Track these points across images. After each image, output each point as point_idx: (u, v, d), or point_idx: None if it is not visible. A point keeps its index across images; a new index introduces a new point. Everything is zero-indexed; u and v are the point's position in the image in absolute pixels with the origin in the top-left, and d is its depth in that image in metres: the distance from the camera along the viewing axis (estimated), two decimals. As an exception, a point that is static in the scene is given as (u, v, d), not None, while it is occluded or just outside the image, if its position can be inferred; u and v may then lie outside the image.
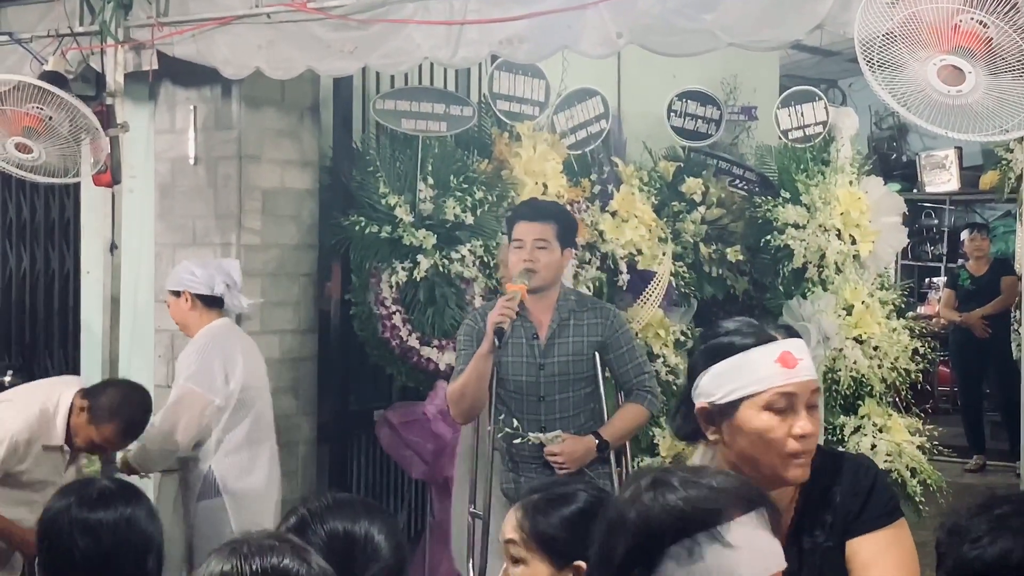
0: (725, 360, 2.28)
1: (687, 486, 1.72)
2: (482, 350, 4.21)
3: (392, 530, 2.16)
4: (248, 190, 5.22)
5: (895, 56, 3.37)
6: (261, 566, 1.64)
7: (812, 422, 2.27)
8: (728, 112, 7.23)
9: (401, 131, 5.47)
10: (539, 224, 4.36)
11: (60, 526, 2.38)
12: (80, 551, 2.34)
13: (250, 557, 1.64)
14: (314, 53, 4.57)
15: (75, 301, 5.80)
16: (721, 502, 1.70)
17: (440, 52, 4.31)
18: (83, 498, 2.42)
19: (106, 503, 2.41)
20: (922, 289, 12.09)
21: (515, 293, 4.19)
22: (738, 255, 6.99)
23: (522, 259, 4.31)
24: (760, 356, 2.26)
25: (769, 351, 2.26)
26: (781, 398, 2.25)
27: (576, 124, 6.26)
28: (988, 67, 3.28)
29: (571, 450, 4.32)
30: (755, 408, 2.26)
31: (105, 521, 2.38)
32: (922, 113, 3.41)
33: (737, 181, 7.16)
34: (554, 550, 2.32)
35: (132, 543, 2.38)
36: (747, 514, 1.72)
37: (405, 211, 5.37)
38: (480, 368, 4.23)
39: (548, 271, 4.34)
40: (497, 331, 4.12)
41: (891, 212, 7.48)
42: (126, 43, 4.93)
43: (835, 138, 7.22)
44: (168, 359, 5.34)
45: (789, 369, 2.25)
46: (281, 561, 1.65)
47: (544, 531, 2.34)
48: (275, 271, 5.31)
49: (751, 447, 2.27)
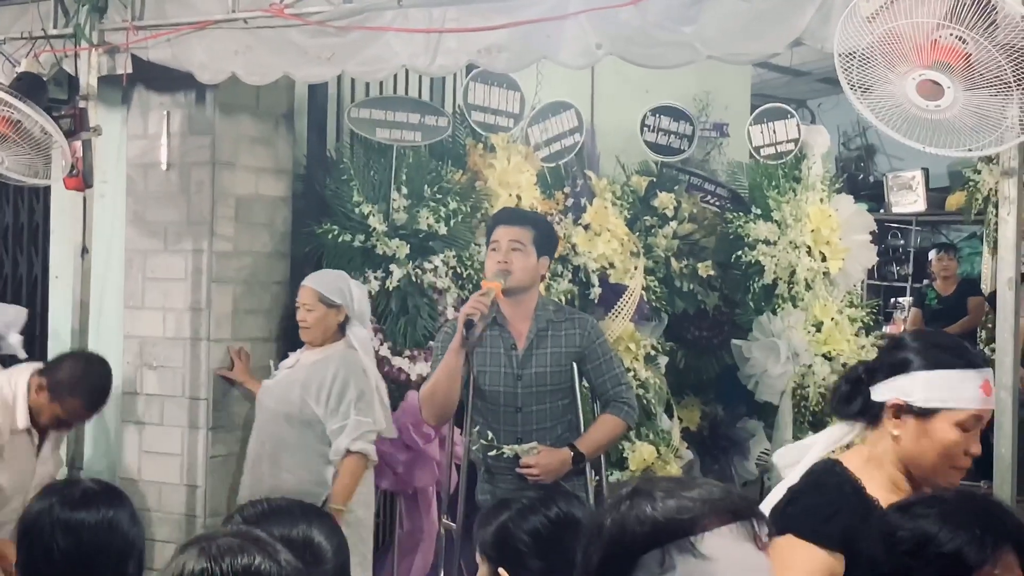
0: (941, 370, 2.52)
1: (666, 496, 1.70)
2: (453, 345, 4.19)
3: (331, 530, 2.16)
4: (221, 197, 5.19)
5: (874, 71, 3.38)
6: (233, 566, 1.62)
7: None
8: (700, 128, 7.27)
9: (376, 140, 5.46)
10: (516, 228, 4.36)
11: (41, 525, 2.35)
12: (60, 550, 2.32)
13: (220, 557, 1.62)
14: (291, 59, 4.55)
15: (43, 306, 5.74)
16: (697, 512, 1.66)
17: (418, 60, 4.30)
18: (65, 498, 2.39)
19: (88, 504, 2.38)
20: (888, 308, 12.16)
21: (489, 289, 4.18)
22: (709, 270, 7.02)
23: (496, 260, 4.31)
24: (971, 379, 2.52)
25: (977, 376, 2.53)
26: (973, 420, 2.52)
27: (550, 137, 6.27)
28: (966, 83, 3.30)
29: (546, 462, 4.31)
30: (950, 422, 2.51)
31: (87, 522, 2.35)
32: (899, 128, 3.42)
33: (709, 197, 7.20)
34: (488, 555, 2.50)
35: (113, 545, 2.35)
36: (727, 525, 1.67)
37: (378, 220, 5.36)
38: (451, 364, 4.20)
39: (523, 274, 4.33)
40: (467, 323, 4.10)
41: (861, 230, 7.53)
42: (100, 46, 4.89)
43: (807, 155, 7.27)
44: (137, 365, 5.30)
45: (987, 396, 2.53)
46: (253, 561, 1.63)
47: (484, 538, 2.52)
48: (248, 279, 5.27)
49: (931, 452, 2.52)
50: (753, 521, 1.70)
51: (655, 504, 1.69)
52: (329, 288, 4.90)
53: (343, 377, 4.79)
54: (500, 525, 2.50)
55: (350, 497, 4.77)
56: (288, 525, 2.08)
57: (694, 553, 1.63)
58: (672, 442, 6.55)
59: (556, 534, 2.48)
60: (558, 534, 2.48)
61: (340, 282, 4.95)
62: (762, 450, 7.16)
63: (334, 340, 4.92)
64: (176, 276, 5.24)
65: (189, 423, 5.21)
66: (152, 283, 5.29)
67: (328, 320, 4.89)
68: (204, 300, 5.19)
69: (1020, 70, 3.24)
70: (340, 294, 4.90)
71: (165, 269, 5.26)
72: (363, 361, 4.89)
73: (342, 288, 4.92)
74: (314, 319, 4.89)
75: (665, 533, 1.65)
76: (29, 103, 4.49)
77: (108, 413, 5.34)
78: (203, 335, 5.19)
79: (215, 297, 5.19)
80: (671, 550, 1.64)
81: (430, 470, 5.33)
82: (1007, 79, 3.25)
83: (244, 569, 1.62)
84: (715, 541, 1.65)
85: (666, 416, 6.71)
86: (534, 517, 2.49)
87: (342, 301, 4.89)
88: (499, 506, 2.56)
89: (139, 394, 5.31)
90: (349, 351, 4.89)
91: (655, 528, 1.66)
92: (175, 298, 5.24)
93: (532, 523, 2.48)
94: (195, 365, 5.20)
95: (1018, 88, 3.27)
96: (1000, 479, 3.57)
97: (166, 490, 5.22)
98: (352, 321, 4.93)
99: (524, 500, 2.54)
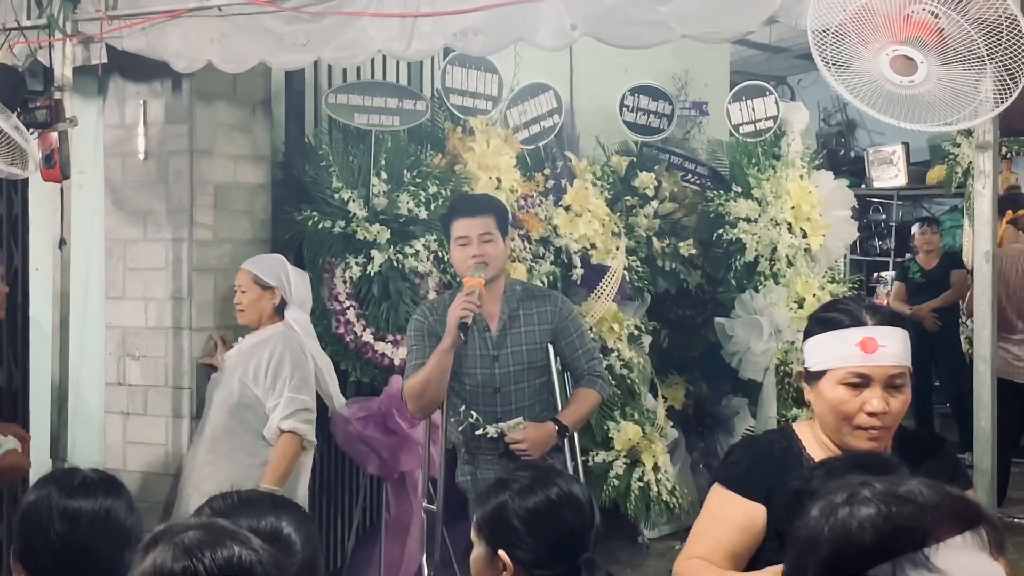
0: (823, 334, 2.60)
1: (888, 501, 1.52)
2: (443, 346, 4.19)
3: (301, 521, 2.15)
4: (200, 185, 5.18)
5: (848, 47, 3.39)
6: (216, 561, 1.58)
7: (891, 401, 2.54)
8: (680, 107, 7.27)
9: (354, 126, 5.45)
10: (480, 219, 4.33)
11: (40, 512, 2.35)
12: (58, 537, 2.32)
13: (199, 552, 1.58)
14: (267, 46, 4.53)
15: (24, 298, 5.72)
16: (928, 520, 1.48)
17: (394, 45, 4.29)
18: (64, 486, 2.39)
19: (87, 492, 2.38)
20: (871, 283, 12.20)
21: (474, 287, 4.18)
22: (691, 249, 7.03)
23: (471, 255, 4.29)
24: (849, 337, 2.55)
25: (856, 334, 2.54)
26: (854, 377, 2.54)
27: (529, 119, 6.27)
28: (940, 57, 3.31)
29: (534, 437, 4.32)
30: (833, 381, 2.57)
31: (85, 509, 2.35)
32: (874, 104, 3.43)
33: (689, 176, 7.21)
34: (484, 535, 2.51)
35: (110, 534, 2.35)
36: (960, 535, 1.49)
37: (358, 206, 5.35)
38: (443, 364, 4.22)
39: (498, 262, 4.35)
40: (461, 326, 4.11)
41: (841, 206, 7.55)
42: (74, 37, 4.86)
43: (786, 132, 7.28)
44: (119, 356, 5.29)
45: (867, 353, 2.53)
46: (233, 553, 1.60)
47: (480, 516, 2.53)
48: (228, 266, 5.26)
49: (828, 413, 2.59)
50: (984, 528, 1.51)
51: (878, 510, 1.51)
52: (263, 270, 4.94)
53: (279, 355, 4.80)
54: (498, 505, 2.50)
55: (284, 478, 4.72)
56: (256, 516, 2.08)
57: (929, 567, 1.46)
58: (657, 421, 6.57)
59: (555, 514, 2.48)
60: (557, 514, 2.48)
61: (276, 265, 4.98)
62: (747, 427, 7.19)
63: (271, 323, 4.93)
64: (157, 265, 5.23)
65: (173, 412, 5.21)
66: (133, 273, 5.29)
67: (263, 303, 4.91)
68: (185, 289, 5.18)
69: (993, 44, 3.25)
70: (275, 276, 4.93)
71: (145, 258, 5.25)
72: (302, 340, 4.91)
73: (277, 271, 4.95)
74: (248, 301, 4.93)
75: (895, 544, 1.48)
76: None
77: (92, 404, 5.35)
78: (185, 324, 5.19)
79: (196, 286, 5.18)
80: (903, 564, 1.47)
81: (415, 454, 5.34)
82: (980, 53, 3.26)
83: (227, 562, 1.58)
84: (950, 553, 1.48)
85: (650, 395, 6.73)
86: (533, 497, 2.48)
87: (276, 283, 4.92)
88: (497, 486, 2.55)
89: (122, 384, 5.31)
90: (288, 331, 4.91)
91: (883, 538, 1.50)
92: (156, 287, 5.23)
93: (532, 503, 2.48)
94: (178, 354, 5.20)
95: (991, 62, 3.28)
96: (980, 450, 3.59)
97: (151, 479, 5.23)
98: (290, 305, 4.95)
99: (523, 479, 2.53)
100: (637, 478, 6.26)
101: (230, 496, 2.20)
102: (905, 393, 2.58)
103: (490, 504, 2.51)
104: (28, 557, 2.35)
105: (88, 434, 5.34)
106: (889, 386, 2.56)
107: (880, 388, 2.55)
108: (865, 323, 2.56)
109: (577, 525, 2.49)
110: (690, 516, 6.51)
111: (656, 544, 6.83)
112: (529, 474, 2.57)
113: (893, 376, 2.55)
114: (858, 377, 2.55)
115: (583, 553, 2.48)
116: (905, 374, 2.57)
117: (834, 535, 1.52)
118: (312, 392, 4.86)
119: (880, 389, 2.54)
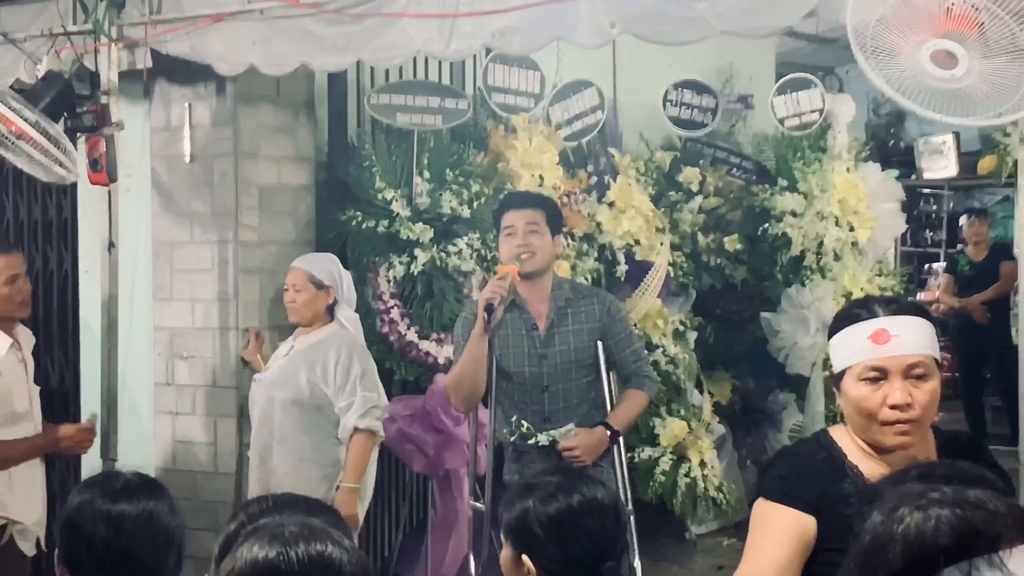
0: (838, 333, 2.53)
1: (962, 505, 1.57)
2: (475, 332, 4.20)
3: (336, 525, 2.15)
4: (244, 187, 5.22)
5: (888, 42, 3.36)
6: (307, 553, 1.61)
7: (914, 393, 2.45)
8: (724, 101, 7.23)
9: (396, 125, 5.46)
10: (528, 210, 4.38)
11: (83, 516, 2.37)
12: (101, 541, 2.34)
13: (293, 543, 1.61)
14: (308, 48, 4.57)
15: (74, 300, 5.80)
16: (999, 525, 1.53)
17: (433, 45, 4.31)
18: (106, 490, 2.41)
19: (129, 496, 2.40)
20: (922, 275, 12.09)
21: (506, 273, 4.19)
22: (736, 244, 7.00)
23: (515, 245, 4.32)
24: (860, 331, 2.47)
25: (867, 327, 2.47)
26: (870, 371, 2.45)
27: (572, 115, 6.26)
28: (981, 51, 3.28)
29: (586, 443, 4.32)
30: (852, 379, 2.48)
31: (128, 513, 2.37)
32: (916, 98, 3.40)
33: (734, 170, 7.17)
34: (510, 539, 2.53)
35: (153, 537, 2.37)
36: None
37: (401, 205, 5.37)
38: (475, 351, 4.22)
39: (543, 254, 4.35)
40: (487, 308, 4.11)
41: (889, 198, 7.48)
42: (120, 41, 4.93)
43: (832, 125, 7.21)
44: (167, 356, 5.35)
45: (879, 345, 2.45)
46: (326, 549, 1.62)
47: (507, 520, 2.54)
48: (273, 268, 5.31)
49: (853, 412, 2.51)
50: None
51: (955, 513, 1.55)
52: (319, 269, 4.92)
53: (347, 354, 4.81)
54: (522, 511, 2.51)
55: (362, 474, 4.80)
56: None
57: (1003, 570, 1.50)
58: (703, 417, 6.56)
59: (577, 521, 2.48)
60: (579, 521, 2.48)
61: (330, 264, 4.98)
62: (795, 423, 7.15)
63: (323, 322, 4.93)
64: (203, 267, 5.28)
65: (221, 412, 5.26)
66: (180, 274, 5.34)
67: (318, 302, 4.90)
68: (231, 290, 5.23)
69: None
70: (329, 275, 4.93)
71: (192, 260, 5.30)
72: (360, 340, 4.92)
73: (331, 270, 4.95)
74: (303, 300, 4.90)
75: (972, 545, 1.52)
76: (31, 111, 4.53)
77: (141, 404, 5.41)
78: (231, 324, 5.24)
79: (242, 286, 5.23)
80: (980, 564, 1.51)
81: (460, 451, 5.36)
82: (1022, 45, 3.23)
83: (318, 555, 1.61)
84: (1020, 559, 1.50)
85: (696, 391, 6.71)
86: (555, 504, 2.49)
87: (331, 283, 4.92)
88: (523, 490, 2.57)
89: (171, 384, 5.37)
90: (343, 331, 4.92)
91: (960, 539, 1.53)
92: (203, 289, 5.28)
93: (553, 510, 2.48)
94: (225, 354, 5.25)
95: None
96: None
97: (200, 478, 5.28)
98: (340, 304, 4.96)
99: (548, 486, 2.54)
100: (684, 474, 6.25)
101: (265, 500, 2.22)
102: (931, 383, 2.48)
103: (515, 509, 2.53)
104: (73, 561, 2.38)
105: (138, 434, 5.40)
106: (911, 376, 2.45)
107: (900, 380, 2.44)
108: (877, 315, 2.48)
109: (600, 532, 2.49)
110: (737, 512, 6.50)
111: (703, 540, 6.81)
112: (554, 480, 2.57)
113: (912, 366, 2.45)
114: (875, 371, 2.45)
115: (607, 560, 2.47)
116: (927, 363, 2.47)
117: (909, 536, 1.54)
118: (380, 389, 4.89)
119: (900, 380, 2.44)
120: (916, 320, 2.49)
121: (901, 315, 2.48)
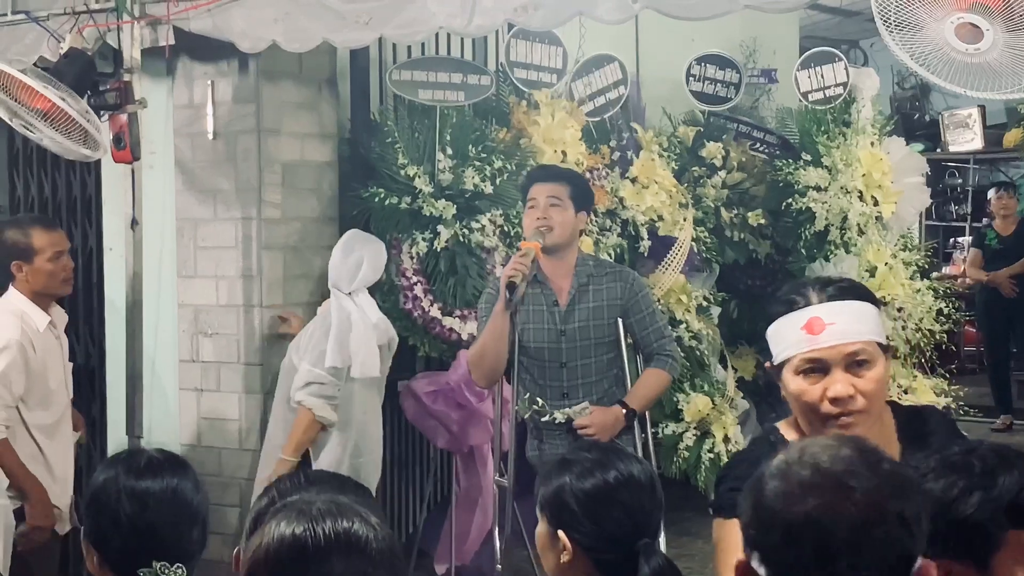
0: (773, 324, 2.36)
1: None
2: (497, 308, 4.21)
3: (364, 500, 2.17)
4: (268, 163, 5.23)
5: (912, 15, 3.34)
6: (334, 529, 1.63)
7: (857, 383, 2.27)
8: (748, 75, 7.20)
9: (419, 102, 5.46)
10: (551, 184, 4.38)
11: (108, 493, 2.40)
12: (126, 518, 2.37)
13: (320, 520, 1.63)
14: (329, 25, 4.56)
15: (99, 278, 5.83)
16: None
17: (455, 21, 4.30)
18: (131, 467, 2.44)
19: (153, 473, 2.42)
20: (947, 249, 12.02)
21: (528, 250, 4.19)
22: (760, 219, 6.97)
23: (536, 217, 4.32)
24: (793, 323, 2.31)
25: (800, 317, 2.30)
26: (806, 363, 2.29)
27: (594, 91, 6.24)
28: (1006, 24, 3.25)
29: (601, 421, 4.32)
30: (790, 372, 2.32)
31: (152, 490, 2.39)
32: (940, 72, 3.38)
33: (758, 144, 7.14)
34: (546, 514, 2.53)
35: (177, 513, 2.40)
36: None
37: (424, 182, 5.37)
38: (496, 327, 4.22)
39: (562, 229, 4.34)
40: (509, 286, 4.12)
41: (913, 172, 7.44)
42: (142, 19, 4.93)
43: (856, 99, 7.17)
44: (192, 333, 5.37)
45: (813, 335, 2.28)
46: (352, 526, 1.64)
47: (543, 496, 2.54)
48: (296, 244, 5.32)
49: (794, 405, 2.35)
50: None
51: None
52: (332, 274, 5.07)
53: (311, 328, 4.96)
54: (558, 486, 2.51)
55: (299, 450, 4.85)
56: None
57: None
58: (727, 392, 6.55)
59: (612, 498, 2.48)
60: (614, 498, 2.48)
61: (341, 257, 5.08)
62: (819, 397, 7.13)
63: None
64: (227, 244, 5.29)
65: (245, 388, 5.28)
66: (204, 252, 5.36)
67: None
68: (255, 267, 5.24)
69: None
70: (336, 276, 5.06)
71: (216, 237, 5.32)
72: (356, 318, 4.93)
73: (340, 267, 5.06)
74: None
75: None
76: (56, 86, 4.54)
77: (167, 381, 5.44)
78: (255, 302, 5.25)
79: (266, 263, 5.24)
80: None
81: (484, 427, 5.38)
82: (1048, 19, 3.20)
83: (345, 532, 1.63)
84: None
85: (720, 367, 6.70)
86: (591, 479, 2.49)
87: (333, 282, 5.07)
88: (560, 465, 2.57)
89: (196, 361, 5.39)
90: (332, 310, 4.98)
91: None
92: (227, 266, 5.30)
93: (589, 485, 2.48)
94: (249, 331, 5.27)
95: (1060, 27, 3.21)
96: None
97: (225, 455, 5.31)
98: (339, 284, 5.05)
99: (585, 462, 2.54)
100: (707, 449, 6.24)
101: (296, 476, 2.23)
102: (875, 370, 2.30)
103: (552, 484, 2.53)
104: (99, 538, 2.41)
105: (163, 411, 5.43)
106: (852, 365, 2.28)
107: (840, 371, 2.27)
108: (811, 302, 2.30)
109: (637, 508, 2.49)
110: (761, 487, 6.48)
111: (727, 515, 6.80)
112: (591, 456, 2.56)
113: (851, 354, 2.27)
114: (811, 363, 2.28)
115: (643, 537, 2.47)
116: (869, 349, 2.29)
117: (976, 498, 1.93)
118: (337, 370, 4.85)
119: (840, 372, 2.27)
120: (854, 304, 2.32)
121: (838, 300, 2.31)
